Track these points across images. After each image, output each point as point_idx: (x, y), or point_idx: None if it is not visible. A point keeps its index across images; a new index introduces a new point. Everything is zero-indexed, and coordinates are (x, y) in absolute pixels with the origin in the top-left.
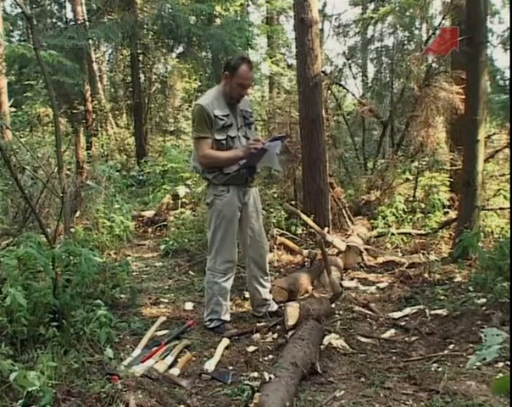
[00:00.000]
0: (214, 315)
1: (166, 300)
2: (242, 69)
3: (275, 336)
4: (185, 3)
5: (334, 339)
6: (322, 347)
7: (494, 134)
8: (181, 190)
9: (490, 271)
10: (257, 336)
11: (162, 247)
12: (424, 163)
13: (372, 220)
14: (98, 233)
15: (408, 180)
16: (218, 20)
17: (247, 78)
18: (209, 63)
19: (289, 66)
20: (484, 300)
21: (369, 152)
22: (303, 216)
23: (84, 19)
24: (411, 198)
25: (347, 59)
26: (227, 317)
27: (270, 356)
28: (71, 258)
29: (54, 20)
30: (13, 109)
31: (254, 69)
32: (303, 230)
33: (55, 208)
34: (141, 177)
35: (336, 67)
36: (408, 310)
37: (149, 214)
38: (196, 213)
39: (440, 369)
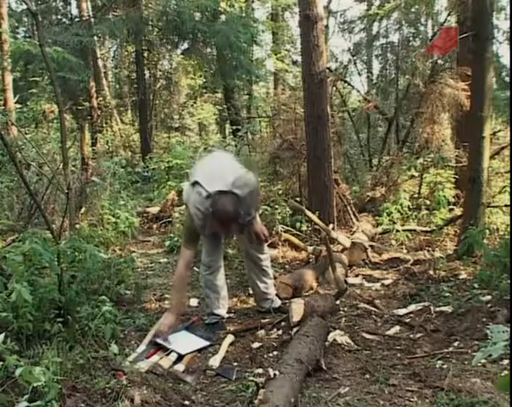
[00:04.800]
0: (207, 308)
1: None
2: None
3: (280, 332)
4: (190, 0)
5: (339, 336)
6: (327, 343)
7: (500, 131)
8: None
9: (495, 268)
10: (261, 332)
11: (167, 243)
12: (429, 159)
13: (377, 217)
14: (103, 229)
15: (413, 176)
16: (223, 17)
17: (221, 230)
18: (214, 59)
19: (294, 63)
20: (489, 297)
21: (374, 148)
22: (308, 213)
23: (89, 16)
24: (416, 195)
25: (353, 56)
26: (222, 312)
27: (275, 352)
28: (76, 254)
29: (59, 17)
30: (19, 106)
31: (260, 65)
32: (307, 226)
33: (60, 204)
34: (146, 173)
35: (341, 63)
36: (412, 307)
37: (154, 210)
38: None
39: (445, 366)
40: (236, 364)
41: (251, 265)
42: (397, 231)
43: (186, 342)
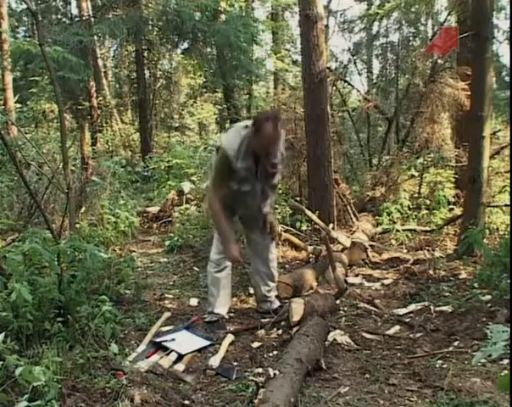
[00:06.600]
0: (209, 307)
1: (171, 296)
2: (266, 130)
3: (280, 332)
4: None
5: (339, 335)
6: (327, 343)
7: (500, 130)
8: (186, 186)
9: (495, 268)
10: (261, 332)
11: (167, 243)
12: (429, 159)
13: (377, 217)
14: (103, 229)
15: (413, 176)
16: (223, 16)
17: (270, 140)
18: (214, 59)
19: (294, 62)
20: (489, 297)
21: (374, 148)
22: (308, 212)
23: (89, 15)
24: (416, 195)
25: (353, 55)
26: (223, 311)
27: (275, 352)
28: (76, 253)
29: (59, 16)
30: (19, 105)
31: (260, 65)
32: (307, 226)
33: (60, 203)
34: (146, 173)
35: (341, 63)
36: (412, 307)
37: (154, 210)
38: (200, 209)
39: (445, 365)
40: (236, 363)
41: (258, 266)
42: (397, 230)
43: (186, 342)
